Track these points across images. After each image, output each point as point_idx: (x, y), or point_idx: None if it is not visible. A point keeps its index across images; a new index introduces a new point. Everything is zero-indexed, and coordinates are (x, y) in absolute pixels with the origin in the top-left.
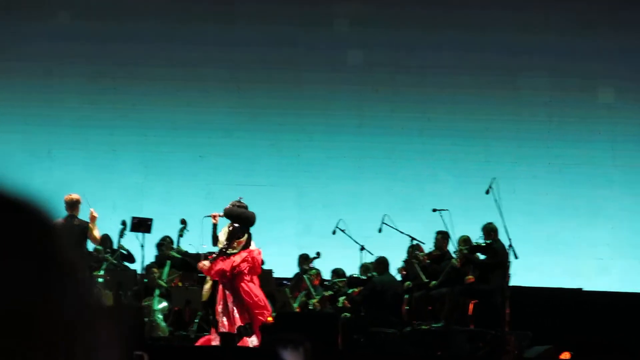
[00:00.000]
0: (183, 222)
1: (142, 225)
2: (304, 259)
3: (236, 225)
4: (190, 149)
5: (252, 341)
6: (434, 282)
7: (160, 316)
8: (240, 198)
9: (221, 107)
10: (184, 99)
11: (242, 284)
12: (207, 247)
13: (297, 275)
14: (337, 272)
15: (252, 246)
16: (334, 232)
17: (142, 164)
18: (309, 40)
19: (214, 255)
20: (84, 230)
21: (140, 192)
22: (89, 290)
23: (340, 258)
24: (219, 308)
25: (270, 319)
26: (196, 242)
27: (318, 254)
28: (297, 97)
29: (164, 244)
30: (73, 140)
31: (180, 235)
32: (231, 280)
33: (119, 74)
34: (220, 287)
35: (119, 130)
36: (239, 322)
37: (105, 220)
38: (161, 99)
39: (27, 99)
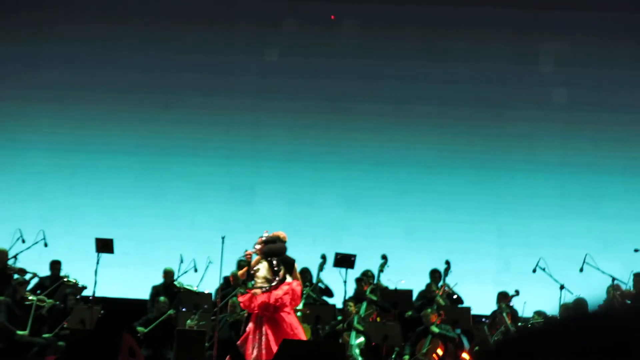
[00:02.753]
0: (384, 257)
1: (345, 261)
2: (503, 297)
3: (275, 260)
4: (392, 185)
5: None
6: None
7: (357, 351)
8: (266, 231)
9: (424, 143)
10: (387, 134)
11: (284, 315)
12: (405, 282)
13: (494, 312)
14: (539, 313)
15: (288, 278)
16: (534, 271)
17: (343, 199)
18: (514, 78)
19: (256, 290)
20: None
21: (341, 226)
22: None
23: (539, 297)
24: (252, 340)
25: None
26: (396, 277)
27: (517, 291)
28: (500, 134)
29: (364, 278)
30: (275, 174)
31: (381, 271)
32: (273, 313)
33: (323, 109)
34: (254, 320)
35: (322, 165)
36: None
37: (305, 254)
38: (364, 134)
39: (231, 134)
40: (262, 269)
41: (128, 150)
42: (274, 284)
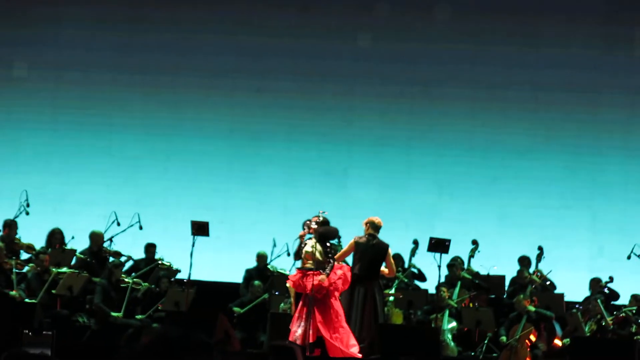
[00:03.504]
0: (475, 242)
1: (439, 245)
2: (596, 283)
3: (330, 243)
4: (485, 170)
5: None
6: None
7: (450, 336)
8: (321, 211)
9: (517, 128)
10: (480, 120)
11: (332, 301)
12: (497, 268)
13: (588, 298)
14: (637, 298)
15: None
16: (628, 257)
17: (436, 184)
18: (608, 62)
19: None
20: (383, 251)
21: (433, 212)
22: None
23: (634, 283)
24: (298, 319)
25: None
26: (487, 263)
27: (611, 278)
28: (593, 120)
29: (455, 264)
30: (369, 159)
31: (472, 256)
32: (325, 296)
33: (417, 94)
34: (303, 300)
35: (414, 151)
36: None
37: (398, 239)
38: (458, 119)
39: (324, 119)
40: (316, 252)
41: (222, 135)
42: (327, 268)
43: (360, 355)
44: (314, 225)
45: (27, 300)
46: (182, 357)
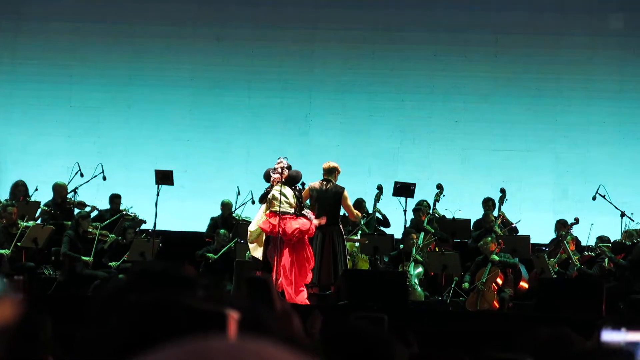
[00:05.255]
0: (439, 187)
1: (404, 190)
2: (562, 225)
3: (297, 187)
4: (446, 114)
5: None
6: None
7: (416, 281)
8: (281, 158)
9: (478, 72)
10: (441, 63)
11: (307, 247)
12: (462, 211)
13: (554, 240)
14: (602, 239)
15: None
16: (594, 198)
17: (398, 129)
18: (569, 4)
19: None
20: (338, 195)
21: (396, 157)
22: None
23: (599, 224)
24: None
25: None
26: (452, 206)
27: (576, 219)
28: (555, 61)
29: (421, 208)
30: (331, 105)
31: (437, 200)
32: (299, 240)
33: (377, 39)
34: (274, 243)
35: (376, 96)
36: (293, 281)
37: (361, 185)
38: (419, 63)
39: (287, 65)
40: (289, 195)
41: (183, 83)
42: (303, 211)
43: (307, 302)
44: (285, 172)
45: None
46: (163, 292)
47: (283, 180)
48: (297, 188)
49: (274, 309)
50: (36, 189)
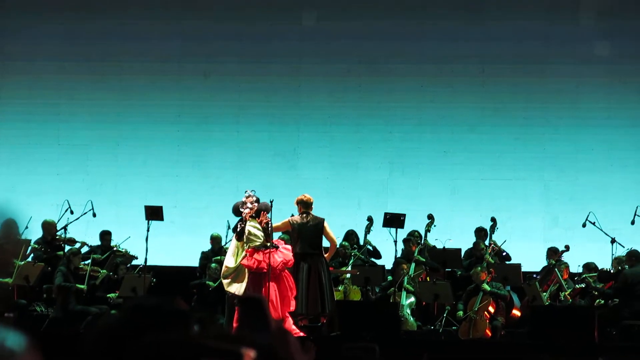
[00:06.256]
0: (430, 217)
1: (394, 220)
2: (553, 252)
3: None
4: (435, 145)
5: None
6: None
7: (408, 311)
8: (248, 191)
9: (465, 102)
10: (428, 95)
11: (289, 276)
12: (452, 241)
13: (545, 268)
14: (589, 267)
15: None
16: (584, 225)
17: (387, 161)
18: (555, 33)
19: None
20: (320, 225)
21: (385, 188)
22: None
23: (589, 251)
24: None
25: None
26: (442, 236)
27: (567, 247)
28: (542, 90)
29: (411, 239)
30: (319, 138)
31: (428, 231)
32: (281, 271)
33: (363, 72)
34: (253, 278)
35: (364, 128)
36: (279, 312)
37: (351, 217)
38: (405, 95)
39: (274, 99)
40: (255, 229)
41: (170, 119)
42: (269, 244)
43: (299, 331)
44: (256, 205)
45: None
46: (157, 327)
47: (253, 214)
48: (267, 218)
49: (269, 329)
50: (26, 227)
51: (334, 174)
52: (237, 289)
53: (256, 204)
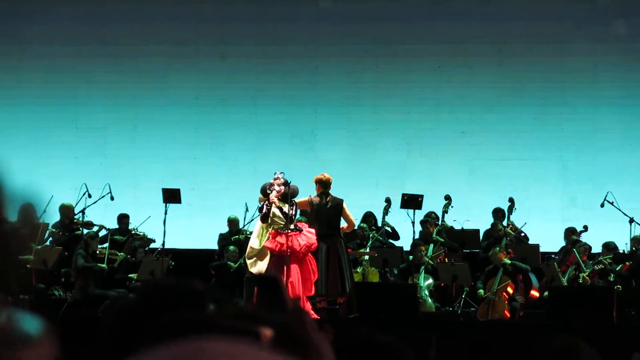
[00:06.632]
0: (448, 198)
1: (412, 201)
2: (571, 233)
3: (293, 201)
4: (453, 125)
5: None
6: None
7: (427, 292)
8: (280, 173)
9: (483, 82)
10: (446, 75)
11: (312, 260)
12: (471, 222)
13: (564, 248)
14: (608, 246)
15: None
16: (602, 205)
17: (404, 141)
18: (571, 12)
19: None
20: (339, 207)
21: (403, 169)
22: None
23: (608, 231)
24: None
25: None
26: (460, 217)
27: (585, 227)
28: (559, 70)
29: (429, 220)
30: (337, 119)
31: (445, 212)
32: (305, 254)
33: (380, 52)
34: (276, 260)
35: (381, 109)
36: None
37: (369, 198)
38: (423, 75)
39: (291, 81)
40: (280, 211)
41: (187, 102)
42: (292, 226)
43: (316, 315)
44: (283, 188)
45: None
46: (173, 306)
47: (280, 197)
48: (293, 202)
49: (286, 308)
50: (44, 211)
51: (351, 155)
52: (261, 268)
53: (283, 187)
